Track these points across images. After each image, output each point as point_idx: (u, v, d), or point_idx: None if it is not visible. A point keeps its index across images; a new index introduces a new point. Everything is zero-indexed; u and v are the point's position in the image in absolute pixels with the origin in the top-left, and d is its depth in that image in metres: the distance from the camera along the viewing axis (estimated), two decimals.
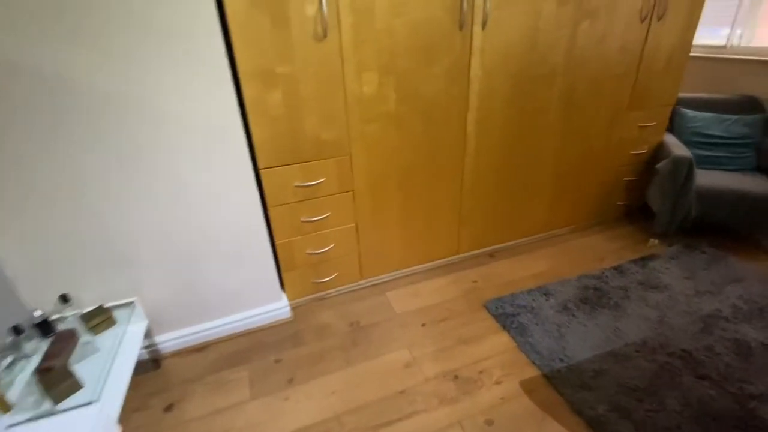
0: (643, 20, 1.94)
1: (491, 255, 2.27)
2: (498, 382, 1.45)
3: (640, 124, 2.27)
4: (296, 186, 1.62)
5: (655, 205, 2.30)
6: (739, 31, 2.56)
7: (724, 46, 2.63)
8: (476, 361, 1.55)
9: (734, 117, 2.38)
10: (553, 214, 2.33)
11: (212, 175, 1.44)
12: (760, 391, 1.35)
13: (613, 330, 1.65)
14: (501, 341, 1.64)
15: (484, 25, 1.63)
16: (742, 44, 2.58)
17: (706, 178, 2.21)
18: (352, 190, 1.75)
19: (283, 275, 1.81)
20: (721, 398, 1.34)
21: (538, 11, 1.70)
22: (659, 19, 1.97)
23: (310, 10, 1.35)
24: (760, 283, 1.91)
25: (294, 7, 1.33)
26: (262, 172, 1.55)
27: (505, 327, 1.70)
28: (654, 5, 1.92)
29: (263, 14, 1.31)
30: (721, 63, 2.64)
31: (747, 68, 2.53)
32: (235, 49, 1.32)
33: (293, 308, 1.92)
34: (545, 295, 1.87)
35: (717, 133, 2.39)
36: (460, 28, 1.60)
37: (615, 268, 2.06)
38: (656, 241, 2.29)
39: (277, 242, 1.71)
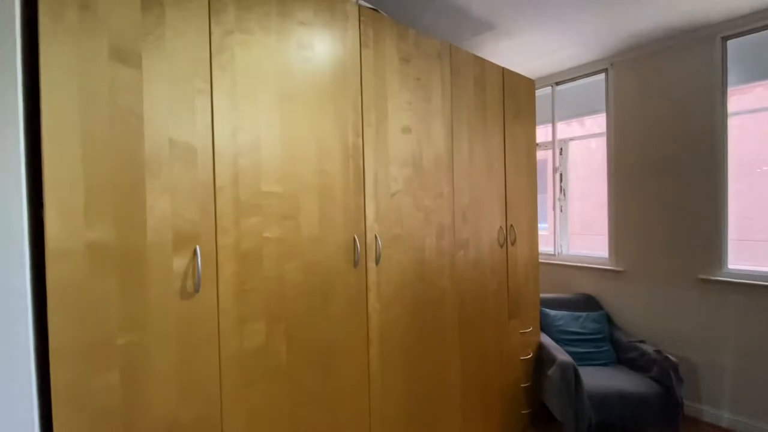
0: (501, 246, 2.27)
1: None
2: None
3: (520, 331, 2.41)
4: None
5: (558, 414, 2.25)
6: (560, 243, 3.28)
7: (554, 254, 3.28)
8: None
9: (584, 314, 2.77)
10: None
11: None
12: None
13: None
14: None
15: (377, 261, 1.62)
16: (564, 252, 3.27)
17: (587, 379, 2.32)
18: None
19: None
20: None
21: (422, 246, 1.81)
22: (513, 244, 2.34)
23: (180, 264, 1.11)
24: None
25: (155, 264, 1.06)
26: None
27: None
28: (506, 235, 2.30)
29: (106, 279, 0.99)
30: (555, 267, 3.24)
31: (572, 271, 3.14)
32: (50, 326, 0.92)
33: None
34: None
35: (575, 329, 2.70)
36: (355, 265, 1.54)
37: None
38: None
39: None
